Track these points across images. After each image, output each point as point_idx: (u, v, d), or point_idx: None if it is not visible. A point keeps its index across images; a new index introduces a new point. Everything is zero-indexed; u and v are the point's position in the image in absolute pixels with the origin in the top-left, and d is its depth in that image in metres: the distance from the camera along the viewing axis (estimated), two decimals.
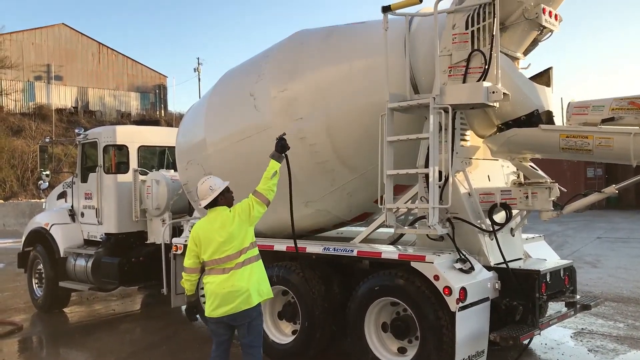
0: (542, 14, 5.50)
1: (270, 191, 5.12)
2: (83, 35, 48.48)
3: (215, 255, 4.92)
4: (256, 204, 5.05)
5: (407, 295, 5.60)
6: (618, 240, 17.09)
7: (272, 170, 5.15)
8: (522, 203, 5.70)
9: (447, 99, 5.38)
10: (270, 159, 5.23)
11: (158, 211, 9.18)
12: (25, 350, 8.26)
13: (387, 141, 5.63)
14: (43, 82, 45.59)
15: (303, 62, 6.66)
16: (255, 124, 6.88)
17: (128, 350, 7.68)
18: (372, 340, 5.93)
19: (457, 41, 5.48)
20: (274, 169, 5.16)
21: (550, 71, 6.16)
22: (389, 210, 5.69)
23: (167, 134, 10.30)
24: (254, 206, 5.04)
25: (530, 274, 5.64)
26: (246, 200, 5.09)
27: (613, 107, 5.36)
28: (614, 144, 5.20)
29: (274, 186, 5.14)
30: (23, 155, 36.83)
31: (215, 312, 4.92)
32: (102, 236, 9.61)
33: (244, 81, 7.30)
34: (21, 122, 41.77)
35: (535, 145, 5.73)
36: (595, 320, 8.30)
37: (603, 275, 11.69)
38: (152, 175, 9.30)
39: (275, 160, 5.22)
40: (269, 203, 5.14)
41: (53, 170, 11.02)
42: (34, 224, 10.61)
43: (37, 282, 10.41)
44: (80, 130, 10.25)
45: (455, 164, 5.69)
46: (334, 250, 6.28)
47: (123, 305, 10.72)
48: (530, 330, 5.44)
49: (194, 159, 7.83)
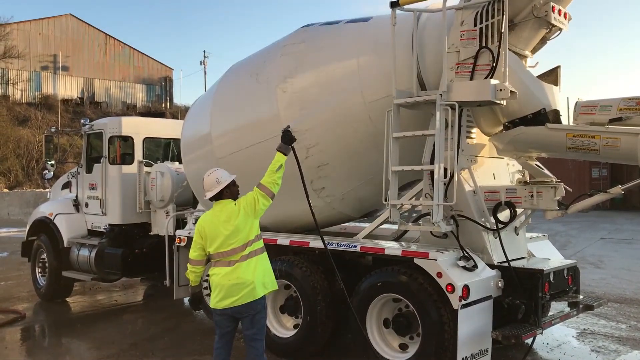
0: (552, 12, 5.47)
1: (275, 184, 5.09)
2: (90, 26, 48.50)
3: (221, 248, 4.93)
4: (261, 197, 5.04)
5: (409, 291, 5.60)
6: (622, 242, 17.04)
7: (278, 164, 5.12)
8: (527, 202, 5.67)
9: (454, 95, 5.36)
10: (277, 152, 5.20)
11: (162, 203, 9.18)
12: (27, 339, 8.30)
13: (392, 137, 5.62)
14: (49, 72, 45.65)
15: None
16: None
17: (129, 341, 7.70)
18: (373, 336, 5.93)
19: (465, 38, 5.46)
20: (280, 162, 5.14)
21: (558, 70, 6.13)
22: (393, 206, 5.69)
23: (173, 126, 10.30)
24: (258, 199, 5.03)
25: (533, 273, 5.63)
26: (251, 193, 5.08)
27: (621, 107, 5.33)
28: (621, 144, 5.17)
29: (279, 179, 5.11)
30: (28, 145, 36.93)
31: (220, 303, 4.93)
32: (106, 227, 9.64)
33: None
34: (27, 112, 41.85)
35: (541, 144, 5.71)
36: (597, 320, 8.28)
37: (606, 276, 11.66)
38: (157, 167, 9.30)
39: (282, 152, 5.20)
40: (274, 196, 5.12)
41: (58, 160, 11.07)
42: (38, 213, 10.63)
43: (41, 272, 10.44)
44: (86, 121, 10.26)
45: (461, 162, 5.67)
46: (337, 246, 6.27)
47: (125, 296, 10.75)
48: (532, 329, 5.44)
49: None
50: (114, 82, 49.06)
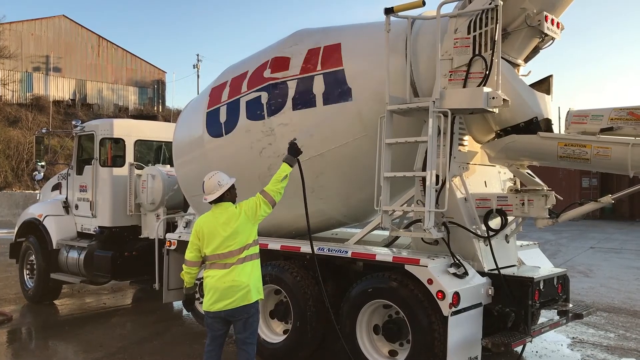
0: (545, 21, 5.51)
1: (278, 193, 5.20)
2: (83, 27, 48.37)
3: (218, 250, 4.95)
4: (263, 204, 5.11)
5: (400, 298, 5.59)
6: (611, 251, 17.12)
7: (283, 174, 5.25)
8: (518, 210, 5.69)
9: (446, 103, 5.38)
10: (283, 162, 5.32)
11: (153, 206, 9.15)
12: (14, 341, 8.22)
13: (385, 143, 5.63)
14: (41, 73, 45.46)
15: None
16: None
17: (118, 344, 7.64)
18: (363, 342, 5.92)
19: (458, 45, 5.47)
20: (285, 172, 5.26)
21: (551, 79, 6.16)
22: (384, 212, 5.69)
23: (165, 129, 10.28)
24: (260, 205, 5.10)
25: (523, 281, 5.63)
26: (253, 198, 5.14)
27: (612, 117, 5.37)
28: (611, 154, 5.21)
29: (282, 189, 5.23)
30: (18, 146, 36.72)
31: (213, 306, 4.94)
32: (95, 229, 9.58)
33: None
34: (18, 113, 41.62)
35: (533, 152, 5.73)
36: (586, 329, 8.31)
37: (595, 285, 11.71)
38: (148, 170, 9.27)
39: (287, 164, 5.31)
40: (275, 205, 5.22)
41: (48, 162, 10.98)
42: (27, 214, 10.56)
43: (29, 273, 10.36)
44: (78, 122, 10.21)
45: (453, 169, 5.68)
46: (329, 251, 6.27)
47: (114, 299, 10.67)
48: (522, 337, 5.44)
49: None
50: (106, 84, 48.91)
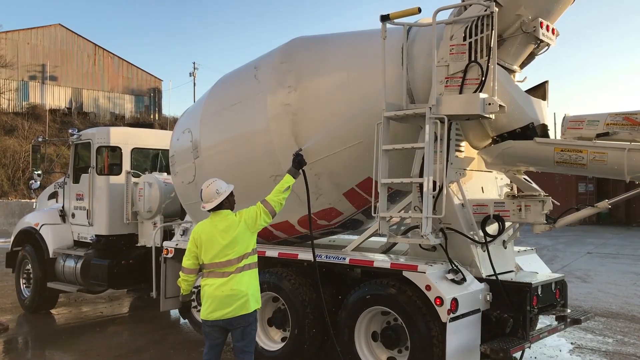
0: (540, 27, 5.52)
1: (279, 204, 5.22)
2: (79, 36, 48.43)
3: (217, 259, 4.93)
4: (263, 213, 5.12)
5: (398, 304, 5.58)
6: (608, 256, 17.14)
7: (286, 185, 5.28)
8: (515, 215, 5.69)
9: (443, 109, 5.38)
10: (286, 174, 5.34)
11: (150, 214, 9.13)
12: (10, 351, 8.16)
13: (382, 149, 5.63)
14: (37, 82, 45.46)
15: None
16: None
17: (115, 353, 7.61)
18: (361, 349, 5.90)
19: (454, 52, 5.49)
20: (288, 183, 5.29)
21: (546, 85, 6.18)
22: (382, 218, 5.68)
23: (161, 136, 10.27)
24: (260, 215, 5.10)
25: (521, 287, 5.63)
26: (254, 207, 5.14)
27: (608, 122, 5.38)
28: (608, 159, 5.22)
29: (283, 200, 5.25)
30: (15, 155, 36.68)
31: (211, 315, 4.92)
32: (92, 237, 9.55)
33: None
34: (14, 122, 41.57)
35: (529, 158, 5.75)
36: (584, 334, 8.31)
37: (593, 290, 11.72)
38: (145, 178, 9.25)
39: (291, 175, 5.34)
40: (275, 215, 5.23)
41: (45, 170, 10.95)
42: (23, 223, 10.52)
43: (25, 283, 10.32)
44: (74, 131, 10.20)
45: (450, 175, 5.68)
46: (326, 258, 6.26)
47: (111, 308, 10.63)
48: (520, 343, 5.43)
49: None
50: (103, 93, 48.93)
